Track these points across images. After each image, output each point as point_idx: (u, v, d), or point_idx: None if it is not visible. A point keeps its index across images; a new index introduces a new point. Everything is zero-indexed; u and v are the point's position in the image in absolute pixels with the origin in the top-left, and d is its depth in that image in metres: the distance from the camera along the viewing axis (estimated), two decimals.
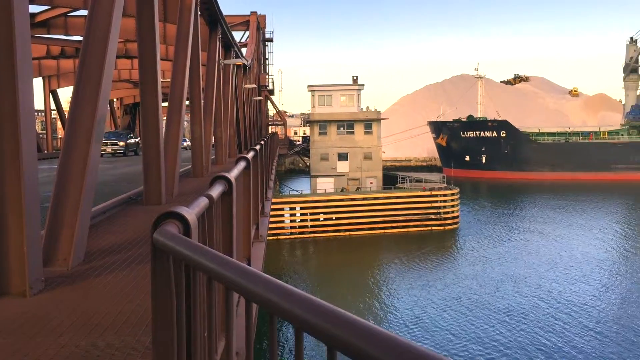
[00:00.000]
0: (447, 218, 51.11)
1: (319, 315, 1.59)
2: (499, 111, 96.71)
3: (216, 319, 3.07)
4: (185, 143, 38.71)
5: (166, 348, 2.64)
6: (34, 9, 25.16)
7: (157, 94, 11.76)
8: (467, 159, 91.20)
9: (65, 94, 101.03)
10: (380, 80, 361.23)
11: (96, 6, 7.82)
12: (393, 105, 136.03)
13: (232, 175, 4.62)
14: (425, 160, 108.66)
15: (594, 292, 32.00)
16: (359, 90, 61.87)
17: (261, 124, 55.45)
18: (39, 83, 40.08)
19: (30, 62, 5.84)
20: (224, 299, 2.51)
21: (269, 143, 17.76)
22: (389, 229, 49.65)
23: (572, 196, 68.79)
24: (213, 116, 21.11)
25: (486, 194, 77.00)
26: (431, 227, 50.25)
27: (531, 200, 68.41)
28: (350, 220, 49.41)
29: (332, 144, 59.20)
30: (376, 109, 62.93)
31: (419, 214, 50.51)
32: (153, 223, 2.64)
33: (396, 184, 58.49)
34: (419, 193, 51.45)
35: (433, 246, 44.92)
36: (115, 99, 54.83)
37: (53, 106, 41.94)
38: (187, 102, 16.75)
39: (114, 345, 4.30)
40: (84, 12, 24.34)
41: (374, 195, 51.91)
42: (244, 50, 39.02)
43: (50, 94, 40.74)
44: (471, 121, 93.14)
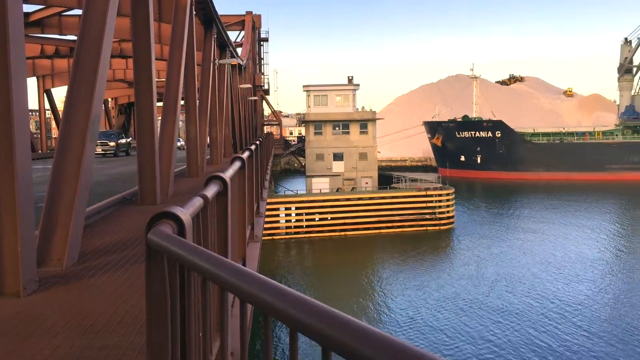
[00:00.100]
0: (442, 218, 51.15)
1: (313, 316, 1.60)
2: (494, 111, 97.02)
3: (211, 319, 3.07)
4: (180, 143, 38.57)
5: (160, 348, 2.63)
6: (28, 8, 25.09)
7: (152, 93, 11.75)
8: (463, 159, 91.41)
9: (60, 93, 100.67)
10: (377, 80, 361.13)
11: (91, 5, 7.81)
12: (388, 105, 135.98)
13: (227, 175, 4.62)
14: (421, 160, 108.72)
15: (588, 291, 32.12)
16: (354, 90, 61.93)
17: (256, 124, 55.35)
18: (33, 83, 39.99)
19: (24, 61, 5.82)
20: (219, 299, 2.51)
21: (264, 143, 17.77)
22: (384, 229, 49.66)
23: (566, 196, 69.01)
24: (208, 116, 21.10)
25: (481, 194, 77.18)
26: (426, 227, 50.28)
27: (526, 200, 68.59)
28: (346, 221, 49.39)
29: (328, 144, 59.21)
30: (372, 109, 63.09)
31: (414, 214, 50.54)
32: (147, 223, 2.64)
33: (391, 184, 58.51)
34: (414, 193, 51.47)
35: (428, 246, 44.97)
36: (110, 99, 54.72)
37: (47, 106, 41.74)
38: (182, 101, 16.72)
39: (109, 345, 4.30)
40: (79, 12, 24.28)
41: (369, 195, 51.91)
42: (239, 50, 38.95)
43: (45, 94, 40.59)
44: (466, 121, 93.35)
